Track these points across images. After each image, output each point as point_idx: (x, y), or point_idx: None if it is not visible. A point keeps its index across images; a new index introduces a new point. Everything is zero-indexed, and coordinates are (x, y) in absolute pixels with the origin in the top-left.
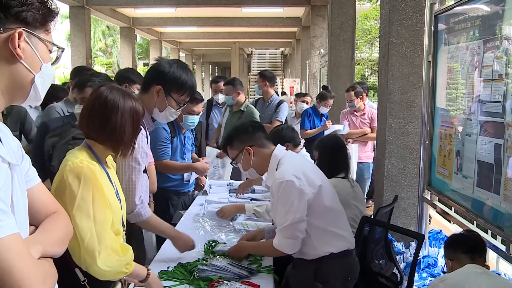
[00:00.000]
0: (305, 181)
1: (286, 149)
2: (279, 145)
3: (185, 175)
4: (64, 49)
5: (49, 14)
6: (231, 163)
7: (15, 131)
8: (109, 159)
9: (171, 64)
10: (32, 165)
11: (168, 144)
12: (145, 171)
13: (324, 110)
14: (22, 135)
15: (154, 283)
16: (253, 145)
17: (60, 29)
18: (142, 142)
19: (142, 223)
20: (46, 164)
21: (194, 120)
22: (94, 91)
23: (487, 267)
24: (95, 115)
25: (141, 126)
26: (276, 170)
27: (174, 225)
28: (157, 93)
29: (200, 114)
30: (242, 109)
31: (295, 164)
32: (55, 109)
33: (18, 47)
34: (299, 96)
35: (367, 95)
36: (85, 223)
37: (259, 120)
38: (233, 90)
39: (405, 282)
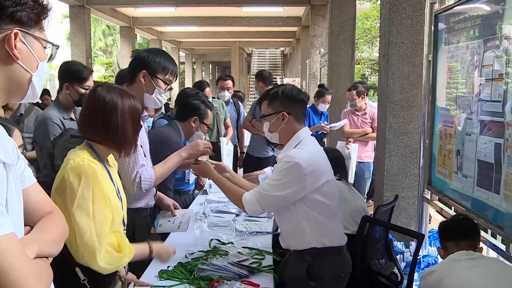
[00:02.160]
0: (311, 173)
1: None
2: (306, 127)
3: (186, 173)
4: (58, 46)
5: (43, 12)
6: (259, 117)
7: (30, 133)
8: (111, 157)
9: (148, 50)
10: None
11: None
12: None
13: (323, 107)
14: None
15: (161, 253)
16: (291, 114)
17: (60, 28)
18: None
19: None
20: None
21: None
22: (91, 92)
23: (480, 249)
24: (96, 118)
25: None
26: (294, 148)
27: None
28: (143, 78)
29: None
30: None
31: (312, 153)
32: (52, 120)
33: (15, 47)
34: None
35: (367, 95)
36: (85, 222)
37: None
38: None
39: (405, 282)
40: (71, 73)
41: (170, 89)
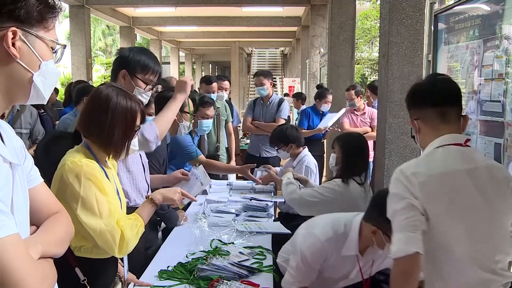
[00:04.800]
0: None
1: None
2: None
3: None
4: (65, 45)
5: (47, 11)
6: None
7: (27, 128)
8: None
9: (131, 49)
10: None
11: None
12: None
13: (325, 107)
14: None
15: (164, 199)
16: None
17: (60, 28)
18: None
19: None
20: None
21: (209, 124)
22: (93, 90)
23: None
24: (88, 112)
25: None
26: None
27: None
28: (123, 77)
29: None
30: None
31: None
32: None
33: (13, 46)
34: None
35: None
36: (93, 221)
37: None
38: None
39: None
40: None
41: (152, 88)
